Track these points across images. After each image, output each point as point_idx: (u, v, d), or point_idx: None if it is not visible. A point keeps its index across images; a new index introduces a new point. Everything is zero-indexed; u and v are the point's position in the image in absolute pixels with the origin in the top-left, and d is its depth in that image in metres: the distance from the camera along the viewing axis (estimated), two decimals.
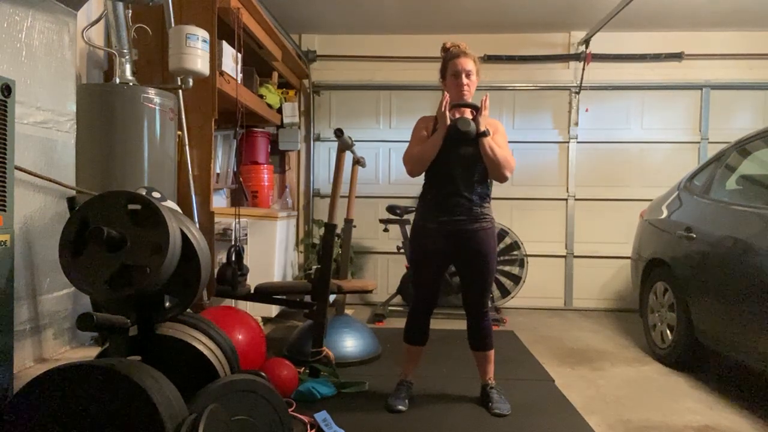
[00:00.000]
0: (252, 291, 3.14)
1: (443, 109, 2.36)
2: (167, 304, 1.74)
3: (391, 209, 4.40)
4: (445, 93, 2.40)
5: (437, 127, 2.40)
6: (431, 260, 2.47)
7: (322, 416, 2.25)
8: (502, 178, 2.40)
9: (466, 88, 2.40)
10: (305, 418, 2.24)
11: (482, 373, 2.56)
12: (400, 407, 2.42)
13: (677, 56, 4.83)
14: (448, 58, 2.46)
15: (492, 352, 2.54)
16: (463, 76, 2.40)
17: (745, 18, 4.52)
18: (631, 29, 4.79)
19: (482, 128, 2.34)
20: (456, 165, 2.41)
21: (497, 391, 2.51)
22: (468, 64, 2.41)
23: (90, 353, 2.22)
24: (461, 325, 4.14)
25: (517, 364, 3.15)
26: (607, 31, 4.38)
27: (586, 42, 4.63)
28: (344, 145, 3.05)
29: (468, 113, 2.44)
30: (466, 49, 2.45)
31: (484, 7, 4.40)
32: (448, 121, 2.34)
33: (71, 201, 1.90)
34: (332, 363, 2.87)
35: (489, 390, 2.50)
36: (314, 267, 3.04)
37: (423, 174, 2.48)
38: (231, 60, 3.18)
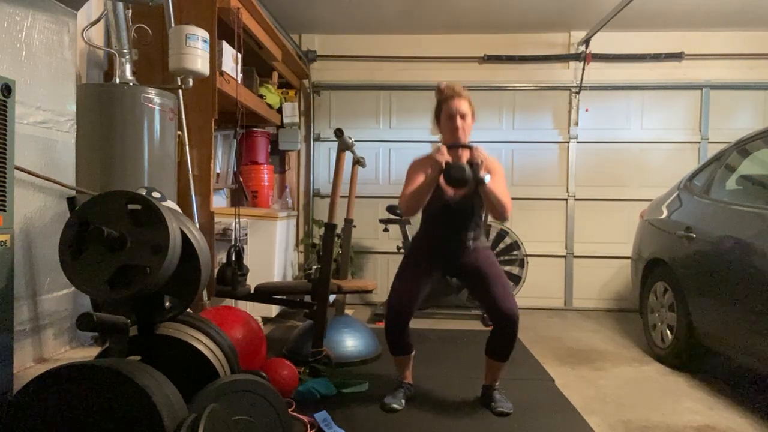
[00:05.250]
0: (252, 291, 3.14)
1: (436, 156, 2.27)
2: (167, 304, 1.74)
3: (391, 209, 4.39)
4: (441, 146, 2.34)
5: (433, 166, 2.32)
6: (419, 266, 2.48)
7: (322, 416, 2.25)
8: (503, 219, 2.39)
9: (460, 130, 2.36)
10: (305, 418, 2.24)
11: (489, 378, 2.53)
12: (395, 406, 2.42)
13: (677, 56, 4.84)
14: (443, 100, 2.42)
15: (506, 363, 2.48)
16: (458, 117, 2.36)
17: (745, 18, 4.52)
18: (631, 29, 4.79)
19: (481, 174, 2.24)
20: (451, 207, 2.42)
21: (499, 391, 2.51)
22: (463, 105, 2.37)
23: (90, 353, 2.22)
24: (461, 325, 4.16)
25: (517, 364, 3.15)
26: (607, 31, 4.37)
27: (586, 42, 4.63)
28: (344, 145, 3.05)
29: (464, 155, 2.36)
30: (461, 91, 2.41)
31: (484, 7, 4.40)
32: (443, 165, 2.25)
33: (71, 201, 1.90)
34: (332, 363, 2.87)
35: (492, 390, 2.50)
36: (314, 267, 3.03)
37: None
38: (231, 60, 3.18)
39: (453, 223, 2.44)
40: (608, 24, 4.14)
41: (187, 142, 2.80)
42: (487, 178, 2.25)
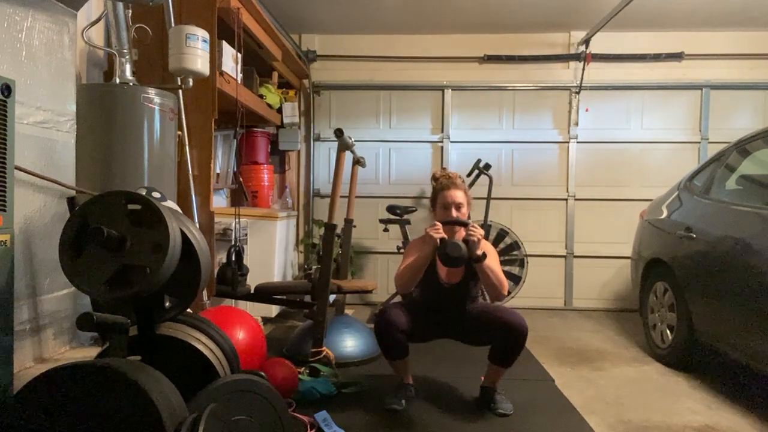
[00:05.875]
0: (252, 291, 3.14)
1: (431, 231, 2.27)
2: (167, 304, 1.74)
3: (391, 209, 4.39)
4: (436, 222, 2.34)
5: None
6: (425, 317, 2.50)
7: (322, 416, 2.25)
8: (500, 299, 2.39)
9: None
10: (305, 418, 2.24)
11: (489, 380, 2.53)
12: (395, 406, 2.41)
13: (677, 56, 4.83)
14: (438, 189, 2.45)
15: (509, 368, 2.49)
16: (453, 208, 2.38)
17: (745, 18, 4.52)
18: (631, 29, 4.79)
19: (479, 252, 2.24)
20: (446, 289, 2.46)
21: (499, 392, 2.51)
22: (458, 196, 2.40)
23: (90, 353, 2.22)
24: None
25: (517, 364, 3.11)
26: (607, 31, 4.38)
27: (586, 42, 4.63)
28: (344, 145, 3.05)
29: (460, 233, 2.36)
30: (456, 179, 2.44)
31: (484, 7, 4.40)
32: (438, 242, 2.26)
33: (71, 201, 1.90)
34: (332, 363, 2.87)
35: (492, 391, 2.50)
36: (314, 267, 3.04)
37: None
38: (231, 60, 3.18)
39: (449, 304, 2.50)
40: (608, 24, 4.14)
41: (187, 142, 2.80)
42: (484, 258, 2.24)
